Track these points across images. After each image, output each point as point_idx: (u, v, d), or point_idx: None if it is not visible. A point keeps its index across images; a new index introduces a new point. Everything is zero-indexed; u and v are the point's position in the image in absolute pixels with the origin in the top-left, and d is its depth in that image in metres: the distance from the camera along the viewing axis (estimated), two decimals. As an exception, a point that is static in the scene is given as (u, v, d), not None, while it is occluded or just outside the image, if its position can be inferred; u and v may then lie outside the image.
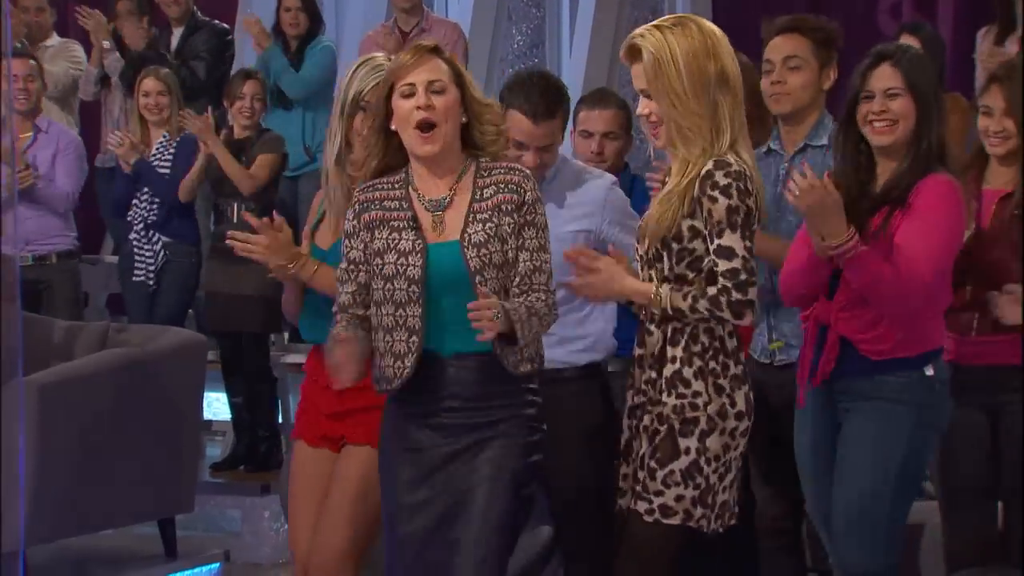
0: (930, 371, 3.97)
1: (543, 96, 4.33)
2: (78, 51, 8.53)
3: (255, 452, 6.91)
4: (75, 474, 5.46)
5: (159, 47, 8.14)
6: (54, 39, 8.56)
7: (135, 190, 7.17)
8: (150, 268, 7.16)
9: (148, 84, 7.25)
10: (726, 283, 3.74)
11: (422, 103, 3.70)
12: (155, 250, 7.15)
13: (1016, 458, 4.33)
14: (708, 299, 3.75)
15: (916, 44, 4.91)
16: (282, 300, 4.27)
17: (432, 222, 3.74)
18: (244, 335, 6.86)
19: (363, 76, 4.09)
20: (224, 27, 8.41)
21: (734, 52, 3.84)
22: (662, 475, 3.80)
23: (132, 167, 7.11)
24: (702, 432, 3.79)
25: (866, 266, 3.85)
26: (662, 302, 3.78)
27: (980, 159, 4.43)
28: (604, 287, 3.86)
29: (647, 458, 3.83)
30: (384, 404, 3.83)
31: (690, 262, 3.79)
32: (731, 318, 3.75)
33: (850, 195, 3.93)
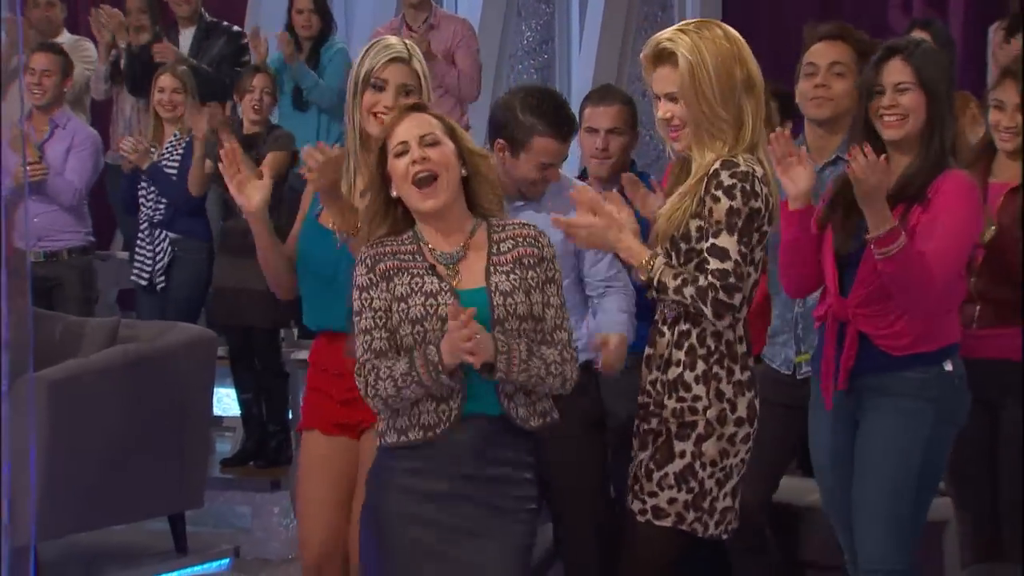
0: (949, 366, 3.97)
1: (567, 116, 4.50)
2: (90, 49, 8.52)
3: (265, 448, 6.91)
4: (85, 470, 5.47)
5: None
6: (64, 36, 8.55)
7: (136, 184, 7.18)
8: (146, 268, 7.16)
9: (164, 80, 7.26)
10: (714, 281, 3.74)
11: (417, 157, 3.58)
12: (158, 249, 7.16)
13: (1013, 456, 4.33)
14: (696, 288, 3.75)
15: (927, 37, 4.91)
16: (260, 264, 4.18)
17: (448, 273, 3.61)
18: (255, 330, 6.87)
19: (373, 55, 4.09)
20: (238, 30, 8.41)
21: None
22: (657, 477, 3.82)
23: (145, 172, 7.12)
24: (699, 436, 3.80)
25: (905, 260, 3.83)
26: (652, 271, 3.79)
27: (987, 152, 4.42)
28: (603, 233, 3.85)
29: (646, 459, 3.84)
30: (384, 449, 3.67)
31: (698, 263, 3.78)
32: (711, 315, 3.75)
33: None
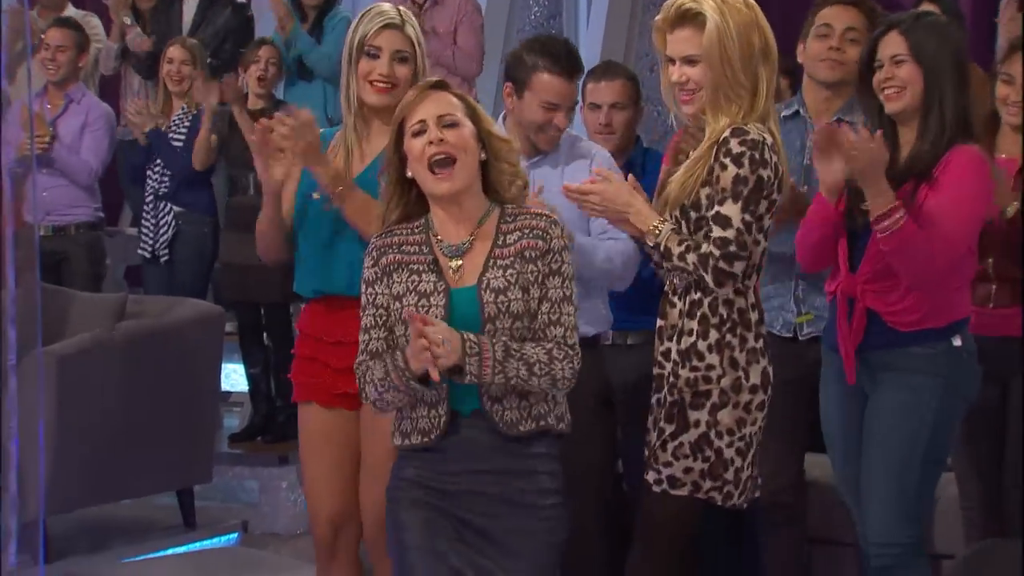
0: (958, 341, 3.97)
1: (571, 55, 4.46)
2: (97, 25, 8.50)
3: (273, 423, 6.92)
4: (93, 445, 5.48)
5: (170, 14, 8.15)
6: (70, 10, 8.54)
7: (149, 160, 7.18)
8: (148, 240, 7.15)
9: (173, 52, 7.25)
10: (714, 250, 3.74)
11: (434, 138, 3.45)
12: (162, 222, 7.15)
13: (1018, 431, 4.33)
14: (698, 255, 3.75)
15: (935, 10, 4.89)
16: (256, 228, 4.15)
17: (452, 267, 3.50)
18: (265, 305, 6.87)
19: (366, 22, 4.07)
20: (242, 2, 8.40)
21: None
22: (672, 447, 3.82)
23: (146, 137, 7.11)
24: (713, 405, 3.80)
25: (906, 237, 3.83)
26: (659, 236, 3.79)
27: (991, 126, 4.40)
28: (616, 197, 3.84)
29: (661, 430, 3.83)
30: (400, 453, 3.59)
31: (706, 231, 3.78)
32: (712, 282, 3.76)
33: None
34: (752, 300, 3.85)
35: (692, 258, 3.75)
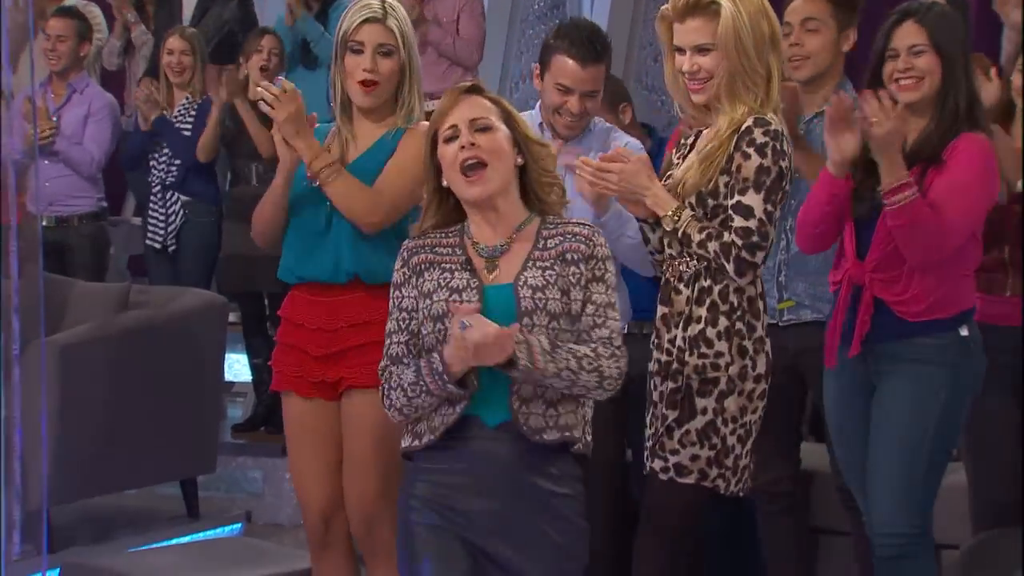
0: (965, 331, 3.96)
1: (591, 40, 4.37)
2: (98, 16, 8.47)
3: (276, 413, 6.89)
4: (97, 435, 5.47)
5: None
6: (71, 1, 8.52)
7: (150, 147, 7.16)
8: (159, 231, 7.14)
9: (173, 43, 7.23)
10: (736, 239, 3.73)
11: (465, 142, 3.31)
12: (171, 211, 7.14)
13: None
14: (720, 243, 3.74)
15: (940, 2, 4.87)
16: (259, 207, 4.12)
17: (486, 266, 3.34)
18: (268, 295, 6.86)
19: (350, 16, 4.05)
20: None
21: None
22: (679, 434, 3.81)
23: (152, 124, 7.10)
24: (720, 393, 3.79)
25: (915, 213, 3.82)
26: (678, 221, 3.77)
27: (1006, 115, 4.39)
28: (635, 178, 3.81)
29: (667, 417, 3.83)
30: (410, 462, 3.41)
31: (723, 220, 3.78)
32: (733, 272, 3.75)
33: None
34: (760, 289, 3.85)
35: (714, 246, 3.74)
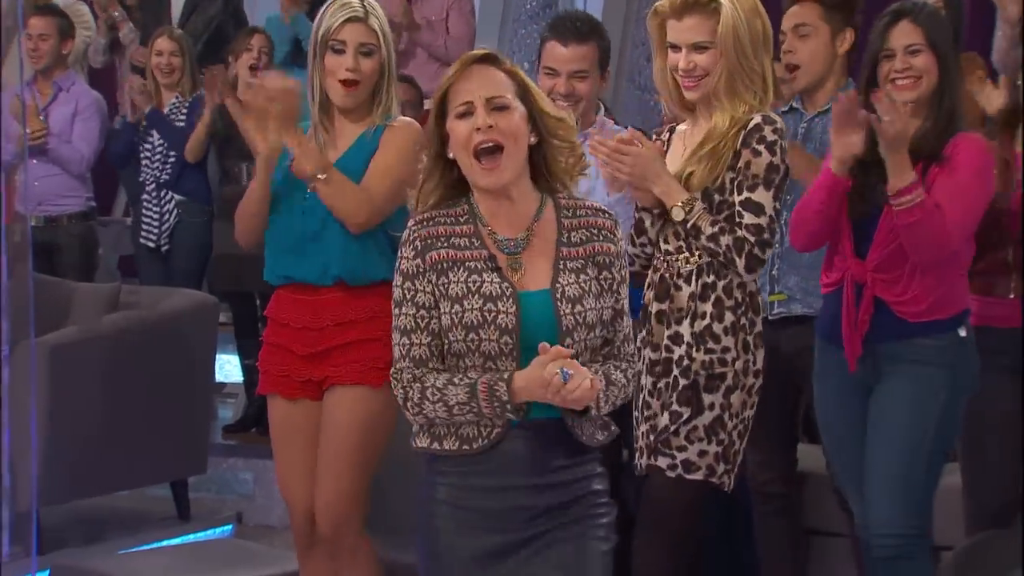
0: (963, 332, 3.96)
1: (573, 22, 4.38)
2: (86, 13, 8.46)
3: (267, 414, 6.88)
4: (87, 436, 5.46)
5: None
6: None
7: (139, 142, 7.13)
8: (153, 230, 7.12)
9: (161, 44, 7.21)
10: (748, 236, 3.75)
11: (482, 124, 3.06)
12: (165, 210, 7.12)
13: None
14: (734, 238, 3.76)
15: (938, 1, 4.86)
16: (241, 206, 4.10)
17: (509, 263, 3.11)
18: (260, 295, 6.84)
19: (330, 15, 4.04)
20: None
21: None
22: (685, 431, 3.80)
23: (145, 116, 7.07)
24: (727, 388, 3.80)
25: (924, 213, 3.81)
26: (690, 213, 3.77)
27: (1012, 120, 4.38)
28: (649, 164, 3.80)
29: (673, 414, 3.81)
30: (427, 459, 3.20)
31: (728, 215, 3.80)
32: (743, 267, 3.76)
33: (879, 153, 3.89)
34: (758, 284, 3.89)
35: (726, 240, 3.76)
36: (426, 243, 3.12)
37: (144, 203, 7.18)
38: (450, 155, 3.13)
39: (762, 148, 3.77)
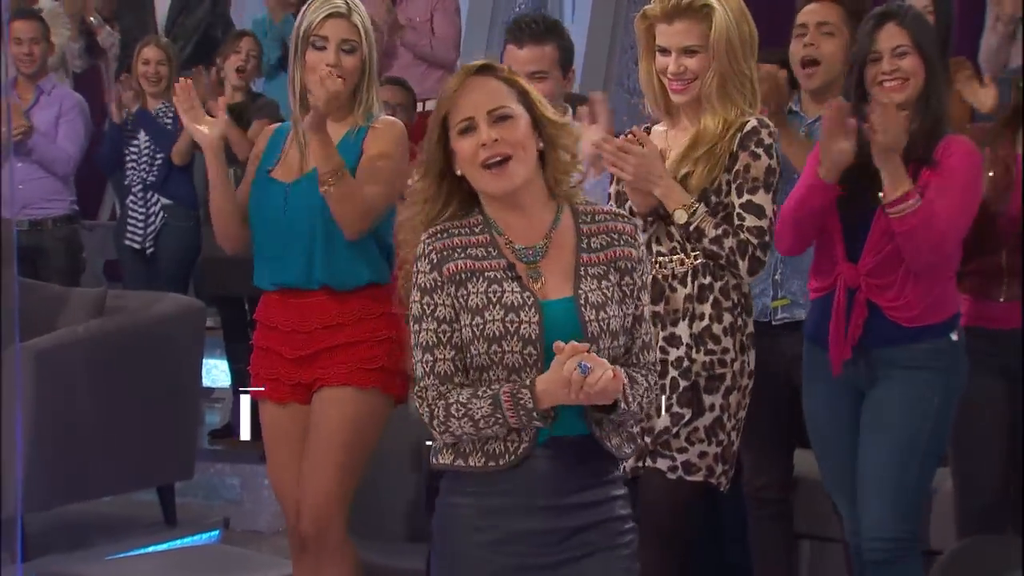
0: (955, 336, 3.96)
1: (528, 24, 4.39)
2: (62, 15, 8.46)
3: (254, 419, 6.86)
4: (72, 441, 5.43)
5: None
6: (44, 1, 8.48)
7: (125, 143, 7.09)
8: (138, 232, 7.09)
9: (148, 52, 7.20)
10: (751, 238, 3.77)
11: (486, 139, 2.99)
12: (151, 212, 7.09)
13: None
14: (737, 241, 3.78)
15: (927, 2, 4.85)
16: (211, 207, 4.09)
17: (529, 273, 3.02)
18: (249, 300, 6.82)
19: (312, 11, 4.01)
20: None
21: None
22: (686, 432, 3.79)
23: (133, 115, 7.05)
24: (727, 389, 3.82)
25: (922, 219, 3.80)
26: (694, 215, 3.77)
27: (1012, 122, 4.37)
28: (652, 166, 3.79)
29: (673, 415, 3.80)
30: (449, 476, 3.10)
31: (725, 216, 3.81)
32: (745, 269, 3.79)
33: (869, 157, 3.88)
34: (748, 287, 3.89)
35: (730, 243, 3.78)
36: (442, 255, 3.02)
37: (130, 204, 7.15)
38: (458, 172, 3.05)
39: (760, 151, 3.79)
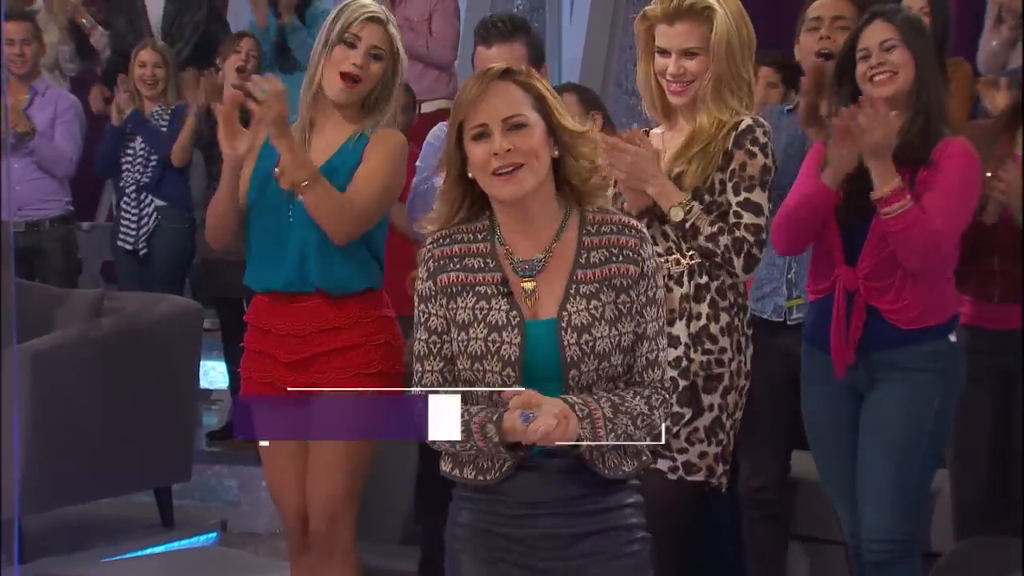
0: (954, 338, 3.96)
1: (495, 23, 4.44)
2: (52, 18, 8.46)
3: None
4: (70, 443, 5.42)
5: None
6: (39, 2, 8.48)
7: (122, 146, 7.09)
8: (131, 233, 7.08)
9: (144, 55, 7.20)
10: (747, 236, 3.78)
11: (499, 148, 2.95)
12: (144, 213, 7.08)
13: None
14: (733, 238, 3.78)
15: (923, 3, 4.86)
16: (210, 208, 4.08)
17: (526, 290, 2.99)
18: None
19: (349, 12, 4.01)
20: None
21: None
22: (686, 432, 3.80)
23: (127, 117, 7.04)
24: (725, 389, 3.82)
25: (912, 219, 3.81)
26: (689, 213, 3.77)
27: (1011, 123, 4.36)
28: (647, 164, 3.80)
29: (678, 416, 3.79)
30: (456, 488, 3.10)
31: (719, 214, 3.81)
32: (740, 267, 3.79)
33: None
34: (743, 288, 3.89)
35: (725, 240, 3.78)
36: (439, 264, 3.02)
37: (123, 206, 7.14)
38: (470, 175, 3.02)
39: (756, 150, 3.80)
